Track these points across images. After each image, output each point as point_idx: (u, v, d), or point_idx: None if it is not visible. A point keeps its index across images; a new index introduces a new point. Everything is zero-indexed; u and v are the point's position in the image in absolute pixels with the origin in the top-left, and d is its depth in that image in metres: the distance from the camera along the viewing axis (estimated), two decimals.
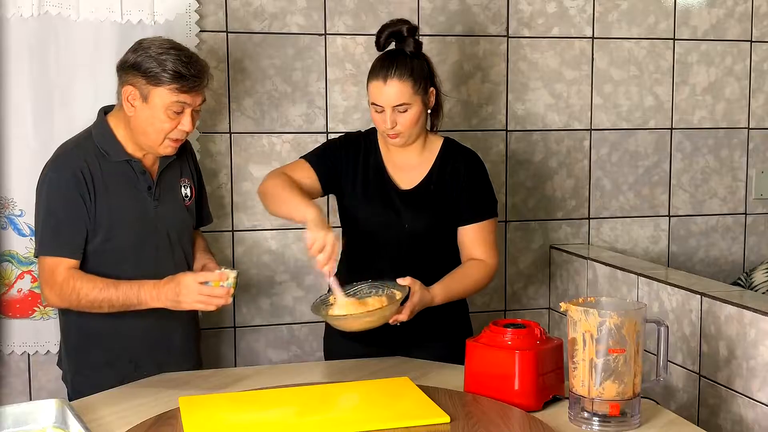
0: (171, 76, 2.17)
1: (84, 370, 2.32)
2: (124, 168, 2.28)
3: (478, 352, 2.04)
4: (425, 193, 2.43)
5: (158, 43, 2.22)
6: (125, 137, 2.28)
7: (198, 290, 2.14)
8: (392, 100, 2.32)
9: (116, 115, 2.30)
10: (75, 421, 1.81)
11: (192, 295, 2.14)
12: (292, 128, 2.96)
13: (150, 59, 2.17)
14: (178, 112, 2.21)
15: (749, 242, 3.42)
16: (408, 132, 2.37)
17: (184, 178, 2.42)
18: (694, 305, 2.47)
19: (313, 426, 1.86)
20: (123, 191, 2.27)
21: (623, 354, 1.84)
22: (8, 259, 2.69)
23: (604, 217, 3.28)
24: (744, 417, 2.31)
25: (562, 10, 3.16)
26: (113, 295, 2.18)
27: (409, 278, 2.22)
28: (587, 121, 3.23)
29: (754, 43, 3.34)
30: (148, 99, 2.19)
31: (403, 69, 2.32)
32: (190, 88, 2.20)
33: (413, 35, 2.39)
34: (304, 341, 3.03)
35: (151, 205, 2.31)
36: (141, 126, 2.23)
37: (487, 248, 2.44)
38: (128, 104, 2.22)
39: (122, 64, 2.24)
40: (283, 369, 2.48)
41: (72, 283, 2.20)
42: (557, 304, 3.14)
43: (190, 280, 2.15)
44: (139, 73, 2.18)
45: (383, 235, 2.43)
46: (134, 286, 2.18)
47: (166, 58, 2.17)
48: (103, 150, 2.27)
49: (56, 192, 2.24)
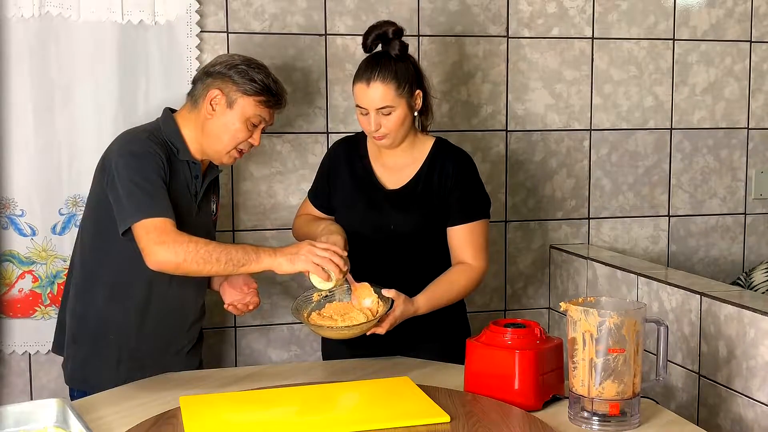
0: (261, 89, 2.28)
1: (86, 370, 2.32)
2: (183, 168, 2.31)
3: (478, 351, 2.04)
4: (412, 194, 2.44)
5: (245, 59, 2.33)
6: (191, 138, 2.32)
7: (316, 251, 2.14)
8: (375, 103, 2.34)
9: (184, 116, 2.34)
10: (76, 420, 1.82)
11: (310, 255, 2.13)
12: (292, 128, 2.96)
13: (242, 70, 2.27)
14: (255, 124, 2.31)
15: (749, 242, 3.42)
16: (393, 134, 2.38)
17: (214, 195, 2.47)
18: (693, 305, 2.47)
19: (313, 426, 1.86)
20: (179, 189, 2.29)
21: (623, 354, 1.84)
22: (9, 259, 2.70)
23: (604, 217, 3.29)
24: (743, 417, 2.32)
25: (562, 11, 3.16)
26: (231, 248, 2.14)
27: (394, 291, 2.23)
28: (587, 122, 3.23)
29: (754, 44, 3.35)
30: (234, 106, 2.27)
31: (386, 72, 2.34)
32: (274, 104, 2.32)
33: (399, 37, 2.39)
34: (304, 341, 3.03)
35: (194, 210, 2.34)
36: (216, 130, 2.28)
37: (475, 251, 2.43)
38: (210, 107, 2.27)
39: (210, 69, 2.31)
40: (283, 369, 2.48)
41: (186, 239, 2.13)
42: (557, 304, 3.15)
43: (306, 244, 2.16)
44: (231, 80, 2.27)
45: (370, 237, 2.44)
46: (251, 246, 2.17)
47: (258, 73, 2.29)
48: (173, 145, 2.29)
49: (147, 160, 2.20)
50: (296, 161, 2.96)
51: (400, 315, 2.25)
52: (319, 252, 2.15)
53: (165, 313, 2.33)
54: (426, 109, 2.47)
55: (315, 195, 2.61)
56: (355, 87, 2.38)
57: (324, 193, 2.56)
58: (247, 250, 2.15)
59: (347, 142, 2.57)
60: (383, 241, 2.43)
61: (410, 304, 2.27)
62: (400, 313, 2.24)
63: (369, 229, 2.44)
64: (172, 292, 2.32)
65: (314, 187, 2.63)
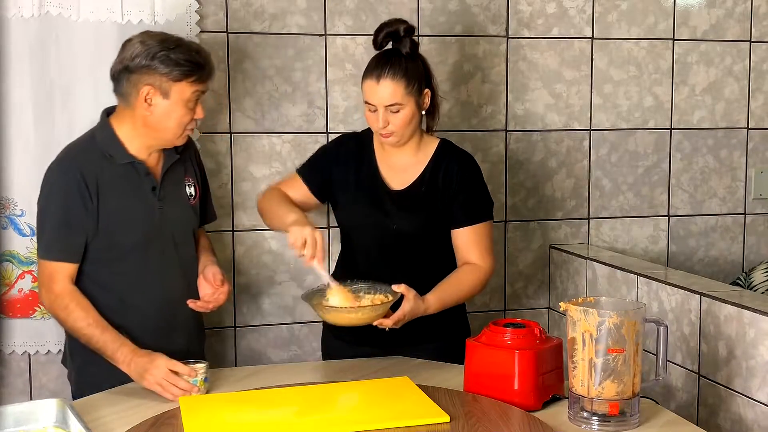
0: (190, 69, 2.22)
1: (89, 369, 2.32)
2: (127, 170, 2.28)
3: (477, 351, 2.05)
4: (416, 194, 2.43)
5: (160, 40, 2.23)
6: (129, 138, 2.28)
7: (164, 375, 2.11)
8: (384, 100, 2.33)
9: (119, 117, 2.30)
10: (75, 420, 1.82)
11: (157, 376, 2.11)
12: (292, 128, 2.96)
13: (164, 57, 2.20)
14: (196, 101, 2.27)
15: (748, 242, 3.42)
16: (401, 132, 2.37)
17: (188, 177, 2.43)
18: (693, 305, 2.47)
19: (313, 426, 1.86)
20: (127, 193, 2.28)
21: (622, 354, 1.85)
22: (9, 259, 2.69)
23: (604, 217, 3.29)
24: (743, 416, 2.32)
25: (562, 11, 3.16)
26: (95, 336, 2.20)
27: (404, 286, 2.22)
28: (587, 122, 3.23)
29: (754, 44, 3.35)
30: (169, 95, 2.22)
31: (396, 69, 2.33)
32: (206, 77, 2.28)
33: (410, 36, 2.39)
34: (304, 341, 3.03)
35: (155, 206, 2.31)
36: (160, 122, 2.25)
37: (481, 252, 2.43)
38: (145, 104, 2.23)
39: (129, 63, 2.22)
40: (283, 369, 2.48)
41: (66, 303, 2.22)
42: (557, 303, 3.15)
43: (162, 362, 2.13)
44: (157, 71, 2.21)
45: (372, 236, 2.44)
46: (117, 341, 2.19)
47: (180, 52, 2.22)
48: (107, 153, 2.27)
49: (57, 195, 2.25)
50: (296, 161, 2.95)
51: (410, 311, 2.23)
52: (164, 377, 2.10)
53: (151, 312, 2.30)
54: (433, 109, 2.46)
55: (310, 171, 2.52)
56: (364, 83, 2.37)
57: (323, 176, 2.49)
58: (107, 345, 2.18)
59: (356, 139, 2.54)
60: (384, 240, 2.43)
61: (420, 302, 2.26)
62: (409, 309, 2.22)
63: (371, 227, 2.44)
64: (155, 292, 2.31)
65: (311, 164, 2.55)
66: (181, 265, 2.37)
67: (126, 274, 2.27)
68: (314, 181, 2.51)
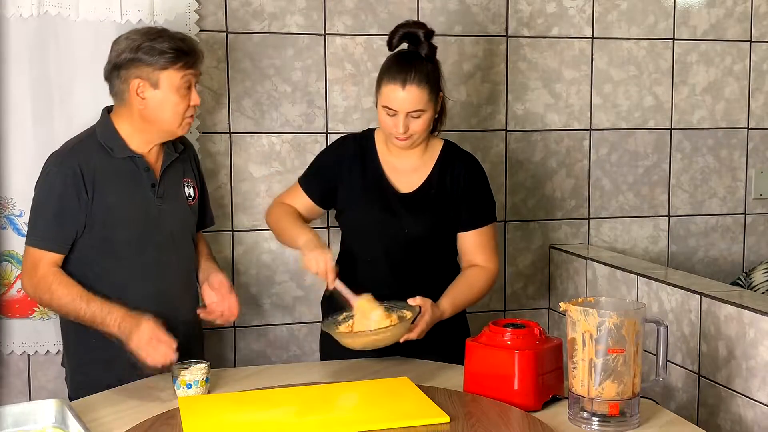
0: (175, 56, 2.23)
1: (84, 369, 2.32)
2: (127, 165, 2.29)
3: (477, 352, 2.04)
4: (426, 197, 2.41)
5: (143, 33, 2.26)
6: (129, 133, 2.30)
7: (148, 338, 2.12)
8: (408, 106, 2.29)
9: (118, 113, 2.31)
10: (74, 421, 1.81)
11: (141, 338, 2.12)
12: (291, 128, 2.96)
13: (148, 48, 2.22)
14: (188, 87, 2.27)
15: (749, 242, 3.42)
16: (418, 136, 2.35)
17: (187, 178, 2.43)
18: (693, 305, 2.47)
19: (313, 426, 1.86)
20: (125, 188, 2.28)
21: (623, 354, 1.84)
22: (8, 259, 2.69)
23: (604, 217, 3.28)
24: (743, 417, 2.31)
25: (562, 10, 3.16)
26: (82, 309, 2.20)
27: (419, 298, 2.21)
28: (587, 121, 3.23)
29: (754, 43, 3.35)
30: (159, 84, 2.23)
31: (422, 75, 2.28)
32: (194, 62, 2.28)
33: (429, 39, 2.35)
34: (304, 341, 3.03)
35: (154, 202, 2.31)
36: (156, 113, 2.26)
37: (488, 254, 2.43)
38: (138, 97, 2.24)
39: (118, 62, 2.25)
40: (283, 369, 2.48)
41: (49, 283, 2.22)
42: (557, 304, 3.14)
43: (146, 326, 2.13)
44: (143, 63, 2.22)
45: (382, 240, 2.42)
46: (105, 308, 2.19)
47: (163, 41, 2.24)
48: (107, 146, 2.28)
49: (52, 185, 2.25)
50: (295, 161, 2.95)
51: (430, 320, 2.23)
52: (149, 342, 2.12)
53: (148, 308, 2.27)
54: (442, 111, 2.43)
55: (311, 181, 2.51)
56: (385, 87, 2.30)
57: (325, 185, 2.48)
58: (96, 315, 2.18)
59: (357, 140, 2.50)
60: (392, 244, 2.41)
61: (437, 309, 2.27)
62: (429, 318, 2.22)
63: (380, 232, 2.41)
64: (151, 288, 2.31)
65: (312, 174, 2.53)
66: (180, 264, 2.36)
67: (123, 269, 2.27)
68: (316, 191, 2.50)
